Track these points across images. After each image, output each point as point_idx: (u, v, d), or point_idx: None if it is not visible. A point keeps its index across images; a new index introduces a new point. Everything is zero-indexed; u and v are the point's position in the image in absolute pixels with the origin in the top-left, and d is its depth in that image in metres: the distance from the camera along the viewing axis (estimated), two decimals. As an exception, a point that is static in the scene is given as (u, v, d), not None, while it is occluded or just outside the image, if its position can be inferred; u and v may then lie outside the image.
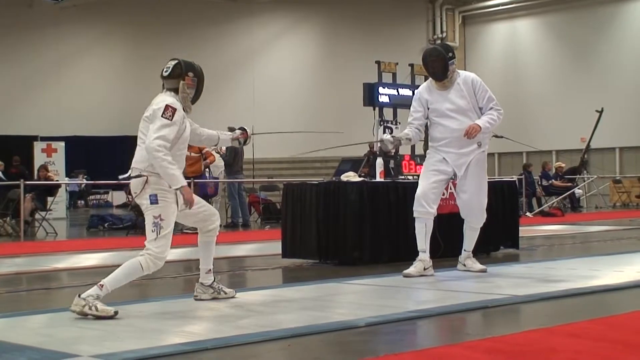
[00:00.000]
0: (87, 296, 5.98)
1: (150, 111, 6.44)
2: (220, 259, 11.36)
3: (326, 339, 5.28)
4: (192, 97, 6.66)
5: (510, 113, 29.33)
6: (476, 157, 8.45)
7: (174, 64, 6.64)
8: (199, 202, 6.73)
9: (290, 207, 10.48)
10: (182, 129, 6.49)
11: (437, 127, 8.50)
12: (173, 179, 6.28)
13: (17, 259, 11.49)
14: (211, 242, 6.88)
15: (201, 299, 6.87)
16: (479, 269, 8.64)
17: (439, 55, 8.38)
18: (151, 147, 6.24)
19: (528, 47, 29.66)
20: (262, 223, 20.21)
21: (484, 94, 8.51)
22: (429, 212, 8.31)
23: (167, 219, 6.33)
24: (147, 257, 6.24)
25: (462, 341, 4.98)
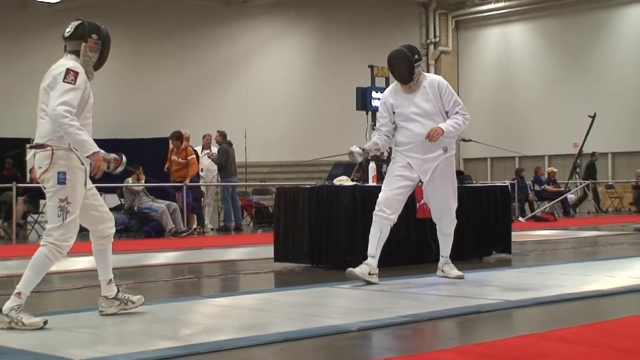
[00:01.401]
0: (9, 310, 5.64)
1: (49, 78, 5.91)
2: (212, 263, 11.40)
3: (318, 344, 5.27)
4: (96, 63, 6.10)
5: (503, 118, 29.51)
6: (442, 162, 8.27)
7: (77, 24, 6.12)
8: (100, 199, 6.25)
9: (282, 210, 10.48)
10: (87, 95, 5.97)
11: (403, 131, 8.30)
12: (84, 144, 5.77)
13: (9, 262, 11.47)
14: (106, 250, 6.24)
15: (107, 313, 6.23)
16: (455, 275, 8.51)
17: (404, 58, 8.17)
18: (56, 113, 5.72)
19: (521, 52, 29.71)
20: (254, 227, 20.21)
21: (450, 97, 8.26)
22: (388, 219, 8.13)
23: (74, 201, 5.85)
24: (50, 247, 5.78)
25: (454, 346, 4.98)
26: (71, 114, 5.76)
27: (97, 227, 6.22)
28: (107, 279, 6.30)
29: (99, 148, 5.87)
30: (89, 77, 6.07)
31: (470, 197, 11.01)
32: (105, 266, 6.30)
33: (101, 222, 6.22)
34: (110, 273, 6.32)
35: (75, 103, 5.82)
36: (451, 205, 8.46)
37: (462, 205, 10.63)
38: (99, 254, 6.29)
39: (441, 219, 8.51)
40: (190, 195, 17.69)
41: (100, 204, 6.24)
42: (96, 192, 6.24)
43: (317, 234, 10.01)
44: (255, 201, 21.35)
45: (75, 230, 5.91)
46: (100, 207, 6.24)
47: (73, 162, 5.88)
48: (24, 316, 5.67)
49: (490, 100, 29.72)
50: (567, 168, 26.84)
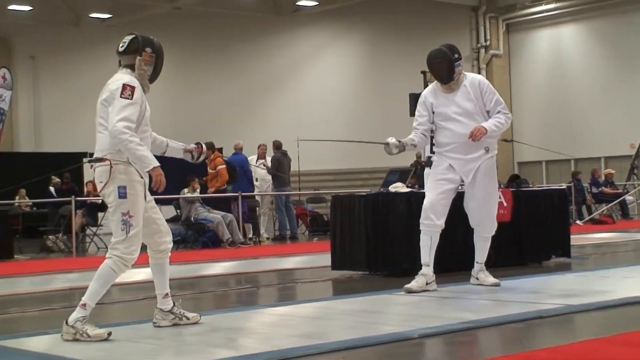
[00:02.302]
0: (74, 322, 5.72)
1: (107, 93, 5.99)
2: (269, 272, 11.42)
3: (380, 351, 5.25)
4: (150, 76, 6.17)
5: (557, 120, 29.18)
6: (484, 163, 8.08)
7: (130, 38, 6.17)
8: (159, 213, 6.31)
9: (338, 218, 10.47)
10: (144, 109, 6.03)
11: (443, 131, 8.12)
12: (144, 160, 5.83)
13: (69, 275, 11.60)
14: (164, 264, 6.30)
15: (160, 325, 6.26)
16: (491, 282, 8.29)
17: (444, 57, 7.99)
18: (115, 130, 5.78)
19: (573, 53, 29.38)
20: (309, 235, 20.21)
21: (491, 96, 8.07)
22: (436, 225, 7.99)
23: (136, 214, 5.90)
24: (115, 260, 5.85)
25: (518, 352, 4.93)
26: (130, 130, 5.82)
27: (154, 240, 6.26)
28: (164, 293, 6.34)
29: (158, 162, 5.93)
30: (145, 90, 6.12)
31: (528, 201, 10.91)
32: (162, 280, 6.35)
33: (159, 236, 6.27)
34: (167, 287, 6.35)
35: (134, 118, 5.89)
36: (492, 209, 8.27)
37: (519, 209, 10.61)
38: (156, 267, 6.35)
39: (481, 223, 8.27)
40: (245, 205, 17.74)
41: (158, 217, 6.30)
42: (155, 205, 6.30)
43: (373, 242, 9.97)
44: (309, 209, 21.36)
45: (139, 242, 5.97)
46: (159, 221, 6.29)
47: (132, 175, 5.93)
48: (89, 327, 5.73)
49: (543, 102, 29.41)
50: (624, 170, 26.48)
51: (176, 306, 6.36)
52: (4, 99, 17.56)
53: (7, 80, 17.66)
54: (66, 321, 5.77)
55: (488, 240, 8.37)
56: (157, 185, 5.91)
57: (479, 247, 8.40)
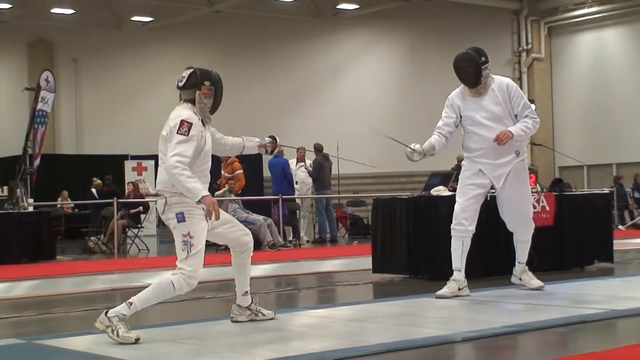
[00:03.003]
0: (113, 315, 5.78)
1: (167, 129, 6.10)
2: (309, 275, 11.43)
3: (423, 354, 5.24)
4: (211, 107, 6.28)
5: (599, 123, 28.92)
6: (515, 166, 7.99)
7: (189, 73, 6.27)
8: (230, 220, 6.50)
9: (379, 221, 10.45)
10: (202, 144, 6.14)
11: (472, 136, 8.05)
12: (193, 191, 5.92)
13: (110, 276, 11.70)
14: (245, 264, 6.56)
15: (237, 320, 6.58)
16: (536, 286, 8.21)
17: (471, 61, 7.93)
18: (168, 165, 5.96)
19: (615, 57, 29.10)
20: (349, 238, 20.20)
21: (519, 100, 7.96)
22: (467, 231, 7.93)
23: (197, 235, 6.03)
24: (179, 277, 5.96)
25: (562, 356, 4.89)
26: (183, 164, 5.93)
27: (235, 244, 6.53)
28: (243, 291, 6.61)
29: (207, 192, 6.01)
30: (207, 122, 6.24)
31: (571, 206, 10.82)
32: (243, 278, 6.61)
33: (237, 240, 6.51)
34: (247, 285, 6.61)
35: (189, 154, 5.98)
36: (527, 211, 8.18)
37: (562, 214, 10.54)
38: (238, 267, 6.59)
39: (517, 226, 8.20)
40: (285, 207, 17.77)
41: (231, 226, 6.47)
42: (224, 217, 6.38)
43: (415, 245, 9.95)
44: (349, 213, 21.35)
45: (201, 262, 6.07)
46: (232, 228, 6.48)
47: (187, 202, 6.03)
48: (123, 327, 5.76)
49: (585, 106, 29.16)
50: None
51: (254, 303, 6.63)
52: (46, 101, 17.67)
53: (50, 82, 17.76)
54: (106, 311, 5.84)
55: (528, 242, 8.30)
56: (210, 214, 5.97)
57: (519, 248, 8.33)
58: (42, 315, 7.86)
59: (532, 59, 29.57)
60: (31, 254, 14.75)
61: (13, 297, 10.03)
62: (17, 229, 14.92)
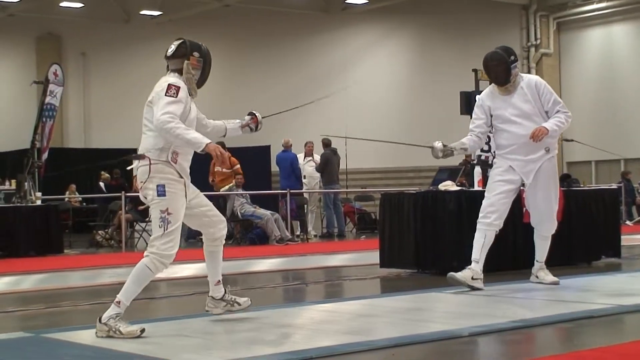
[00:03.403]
0: (107, 319, 5.74)
1: (152, 94, 6.06)
2: (317, 269, 11.45)
3: (429, 349, 5.24)
4: (198, 80, 6.24)
5: (607, 120, 28.85)
6: (545, 163, 8.08)
7: (178, 43, 6.24)
8: (209, 204, 6.37)
9: (387, 216, 10.45)
10: (188, 110, 6.07)
11: (502, 133, 8.16)
12: (195, 141, 5.84)
13: (118, 269, 11.70)
14: (217, 252, 6.40)
15: (213, 313, 6.46)
16: (550, 281, 8.28)
17: (500, 60, 8.03)
18: (160, 121, 5.83)
19: (624, 53, 29.01)
20: (357, 233, 20.20)
21: (549, 96, 8.06)
22: (492, 225, 7.99)
23: (176, 212, 5.92)
24: (152, 258, 5.87)
25: (569, 351, 4.89)
26: (175, 119, 5.85)
27: (208, 230, 6.37)
28: (216, 280, 6.46)
29: (209, 140, 5.93)
30: (192, 94, 6.19)
31: (579, 201, 10.82)
32: (215, 267, 6.45)
33: (211, 226, 6.35)
34: (219, 274, 6.47)
35: (178, 113, 5.91)
36: (553, 208, 8.26)
37: (570, 209, 10.51)
38: (210, 255, 6.44)
39: (542, 222, 8.29)
40: (293, 202, 17.78)
41: (208, 209, 6.36)
42: (202, 199, 6.34)
43: (422, 240, 9.94)
44: (357, 207, 21.35)
45: (177, 240, 5.95)
46: (209, 212, 6.36)
47: (171, 175, 5.96)
48: (122, 325, 5.75)
49: (593, 102, 29.07)
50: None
51: (227, 293, 6.50)
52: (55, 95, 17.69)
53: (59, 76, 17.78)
54: (99, 318, 5.81)
55: (548, 239, 8.38)
56: (219, 159, 5.93)
57: (539, 246, 8.41)
58: (50, 309, 7.88)
59: (541, 54, 29.51)
60: (39, 247, 14.80)
61: (21, 290, 10.07)
62: (25, 222, 14.97)
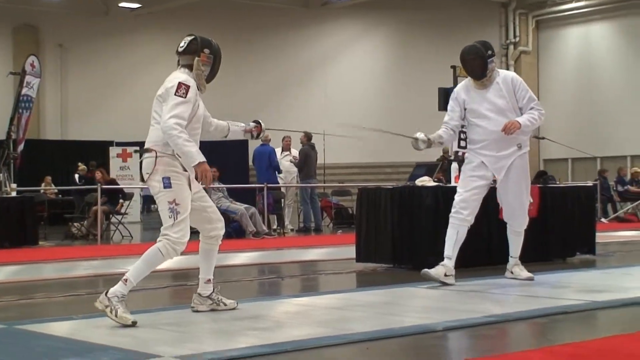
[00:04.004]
0: (112, 295, 5.82)
1: (163, 89, 6.16)
2: (293, 263, 11.44)
3: (404, 343, 5.25)
4: (208, 76, 6.39)
5: (584, 118, 29.01)
6: (517, 159, 8.11)
7: (190, 39, 6.37)
8: (208, 201, 6.46)
9: (364, 211, 10.47)
10: (196, 107, 6.21)
11: (475, 128, 8.15)
12: (189, 155, 5.96)
13: (94, 262, 11.68)
14: (213, 250, 6.50)
15: (198, 310, 6.46)
16: (525, 277, 8.31)
17: (477, 54, 8.02)
18: (166, 125, 5.95)
19: (602, 51, 29.17)
20: (334, 228, 20.22)
21: (524, 93, 8.08)
22: (465, 220, 8.02)
23: (183, 202, 6.05)
24: (165, 243, 6.00)
25: (542, 346, 4.91)
26: (181, 126, 5.97)
27: (205, 227, 6.45)
28: (206, 278, 6.52)
29: (203, 158, 6.04)
30: (201, 89, 6.30)
31: (555, 198, 10.87)
32: (208, 265, 6.53)
33: (209, 223, 6.44)
34: (211, 273, 6.54)
35: (186, 116, 6.05)
36: (525, 203, 8.29)
37: (546, 206, 10.58)
38: (204, 252, 6.52)
39: (514, 217, 8.31)
40: (270, 196, 17.76)
41: (208, 206, 6.45)
42: (204, 195, 6.44)
43: (399, 235, 9.97)
44: (334, 202, 21.35)
45: (187, 228, 6.09)
46: (209, 209, 6.45)
47: (176, 168, 6.08)
48: (121, 308, 5.81)
49: (570, 100, 29.23)
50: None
51: (215, 292, 6.53)
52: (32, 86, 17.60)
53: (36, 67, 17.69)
54: (106, 291, 5.87)
55: (521, 235, 8.42)
56: (202, 180, 6.04)
57: (513, 241, 8.45)
58: (24, 301, 7.85)
59: (520, 52, 29.63)
60: (14, 239, 14.70)
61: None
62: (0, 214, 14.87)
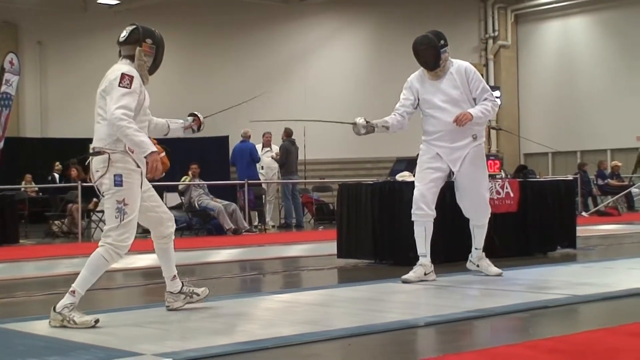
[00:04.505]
0: (62, 309, 5.71)
1: (105, 83, 5.97)
2: (274, 260, 11.44)
3: (385, 339, 5.26)
4: (150, 67, 6.19)
5: (564, 111, 29.13)
6: (472, 150, 8.01)
7: (131, 29, 6.18)
8: (158, 200, 6.33)
9: (345, 207, 10.47)
10: (142, 98, 6.04)
11: (429, 119, 8.07)
12: (142, 145, 5.80)
13: (74, 260, 11.61)
14: (168, 249, 6.38)
15: (174, 308, 6.40)
16: (494, 272, 8.22)
17: (429, 44, 7.95)
18: (114, 117, 5.76)
19: (582, 46, 29.30)
20: (315, 224, 20.22)
21: (477, 84, 7.99)
22: (428, 214, 7.93)
23: (132, 203, 5.90)
24: (108, 248, 5.83)
25: (523, 341, 4.93)
26: (129, 117, 5.81)
27: (156, 227, 6.33)
28: (171, 275, 6.45)
29: (155, 148, 5.93)
30: (144, 81, 6.13)
31: (535, 192, 10.90)
32: (169, 263, 6.45)
33: (160, 223, 6.32)
34: (174, 269, 6.46)
35: (132, 106, 5.89)
36: (484, 195, 8.20)
37: (526, 200, 10.62)
38: (161, 252, 6.43)
39: (474, 211, 8.22)
40: (251, 192, 17.75)
41: (157, 205, 6.32)
42: (153, 194, 6.31)
43: (380, 230, 9.98)
44: (315, 198, 21.36)
45: (133, 231, 5.95)
46: (158, 208, 6.32)
47: (129, 164, 5.93)
48: (76, 315, 5.72)
49: (550, 94, 29.35)
50: (630, 162, 26.42)
51: (185, 285, 6.49)
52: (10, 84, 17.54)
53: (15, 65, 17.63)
54: (54, 307, 5.77)
55: (484, 227, 8.33)
56: (152, 171, 5.89)
57: (476, 234, 8.35)
58: (4, 299, 7.80)
59: (499, 46, 29.70)
60: (-6, 237, 14.64)
61: (-25, 280, 9.95)
62: (-20, 212, 14.80)
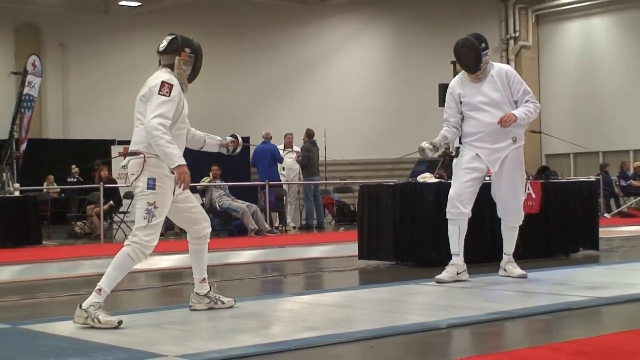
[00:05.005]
0: (88, 306, 5.77)
1: (145, 89, 6.12)
2: (296, 261, 11.44)
3: (408, 341, 5.25)
4: (189, 75, 6.34)
5: (586, 112, 28.96)
6: (511, 152, 8.05)
7: (170, 39, 6.35)
8: (194, 201, 6.48)
9: (366, 208, 10.45)
10: (181, 107, 6.18)
11: (470, 121, 8.12)
12: (170, 157, 5.92)
13: (97, 261, 11.66)
14: (202, 250, 6.50)
15: (196, 309, 6.48)
16: (518, 274, 8.23)
17: (471, 47, 7.98)
18: (150, 126, 5.92)
19: (604, 45, 29.12)
20: (336, 225, 20.21)
21: (519, 86, 8.04)
22: (463, 214, 7.97)
23: (162, 207, 6.03)
24: (134, 247, 5.94)
25: (547, 343, 4.90)
26: (164, 127, 5.94)
27: (192, 228, 6.45)
28: (201, 278, 6.53)
29: (184, 161, 6.02)
30: (183, 89, 6.25)
31: (557, 193, 10.85)
32: (200, 265, 6.54)
33: (196, 223, 6.45)
34: (204, 272, 6.54)
35: (170, 115, 6.02)
36: (519, 198, 8.23)
37: (548, 201, 10.56)
38: (194, 253, 6.53)
39: (508, 212, 8.24)
40: (272, 194, 17.77)
41: (193, 206, 6.45)
42: (189, 195, 6.43)
43: (401, 232, 9.95)
44: (336, 199, 21.35)
45: (158, 232, 6.05)
46: (194, 209, 6.45)
47: (163, 169, 6.03)
48: (101, 314, 5.77)
49: (572, 94, 29.17)
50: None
51: (212, 290, 6.55)
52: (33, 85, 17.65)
53: (37, 67, 17.73)
54: (80, 305, 5.83)
55: (515, 230, 8.34)
56: (181, 183, 6.03)
57: (507, 237, 8.37)
58: (27, 300, 7.84)
59: (520, 47, 29.56)
60: (17, 238, 14.73)
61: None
62: (3, 213, 14.90)
